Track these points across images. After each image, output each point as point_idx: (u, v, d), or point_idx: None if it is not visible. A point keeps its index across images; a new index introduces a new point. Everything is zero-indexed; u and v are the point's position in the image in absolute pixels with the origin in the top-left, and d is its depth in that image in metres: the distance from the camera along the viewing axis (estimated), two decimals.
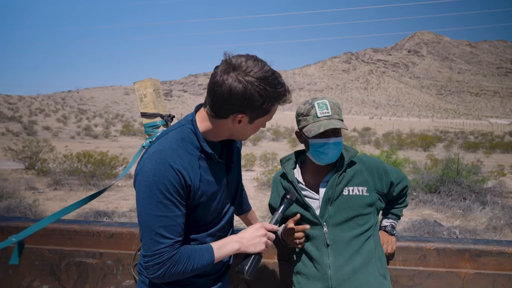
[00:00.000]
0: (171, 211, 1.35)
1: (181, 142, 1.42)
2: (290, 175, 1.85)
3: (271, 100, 1.38)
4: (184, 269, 1.37)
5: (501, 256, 2.01)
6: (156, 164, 1.34)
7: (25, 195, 12.28)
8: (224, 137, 1.51)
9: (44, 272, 2.20)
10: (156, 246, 1.34)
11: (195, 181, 1.41)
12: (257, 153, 22.36)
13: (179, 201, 1.37)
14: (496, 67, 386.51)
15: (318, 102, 1.75)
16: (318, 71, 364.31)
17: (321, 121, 1.71)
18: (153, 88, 1.94)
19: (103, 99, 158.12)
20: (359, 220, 1.77)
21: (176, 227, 1.37)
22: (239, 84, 1.32)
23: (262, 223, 1.55)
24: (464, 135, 58.78)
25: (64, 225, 2.20)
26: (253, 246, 1.50)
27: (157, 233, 1.34)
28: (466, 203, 11.91)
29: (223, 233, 1.60)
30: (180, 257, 1.36)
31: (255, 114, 1.40)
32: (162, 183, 1.33)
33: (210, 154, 1.46)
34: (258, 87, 1.34)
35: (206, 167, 1.47)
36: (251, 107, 1.37)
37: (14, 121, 59.33)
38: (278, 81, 1.39)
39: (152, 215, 1.34)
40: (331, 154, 1.74)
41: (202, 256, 1.42)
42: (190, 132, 1.46)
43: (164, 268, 1.34)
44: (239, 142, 1.73)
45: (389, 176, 1.85)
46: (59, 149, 22.92)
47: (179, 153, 1.39)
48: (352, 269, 1.72)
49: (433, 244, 2.05)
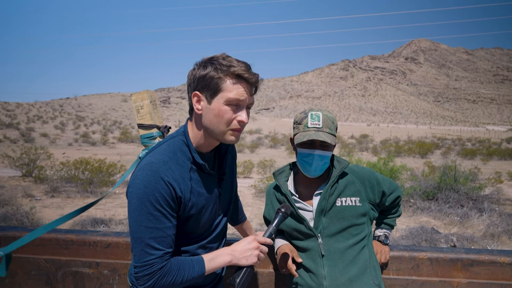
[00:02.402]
0: (161, 222, 1.37)
1: (172, 154, 1.44)
2: (283, 188, 1.87)
3: (217, 71, 1.39)
4: (174, 280, 1.38)
5: (493, 265, 2.03)
6: (147, 176, 1.37)
7: (22, 202, 12.23)
8: (211, 144, 1.51)
9: (40, 282, 2.21)
10: (146, 257, 1.36)
11: (185, 193, 1.43)
12: (255, 160, 22.36)
13: (170, 212, 1.39)
14: (493, 74, 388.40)
15: (312, 113, 1.79)
16: (316, 78, 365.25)
17: (309, 131, 1.75)
18: (149, 99, 1.97)
19: (101, 106, 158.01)
20: (353, 230, 1.79)
21: (166, 238, 1.38)
22: (192, 69, 1.44)
23: (255, 236, 1.55)
24: (462, 142, 58.88)
25: (61, 234, 2.21)
26: (245, 258, 1.50)
27: (147, 244, 1.36)
28: (463, 210, 11.93)
29: (215, 245, 1.61)
30: (170, 268, 1.38)
31: (209, 91, 1.41)
32: (153, 195, 1.35)
33: (201, 165, 1.47)
34: (205, 62, 1.42)
35: (197, 179, 1.48)
36: (202, 82, 1.41)
37: (12, 128, 59.19)
38: (230, 59, 1.41)
39: (143, 227, 1.36)
40: (314, 165, 1.77)
41: (193, 268, 1.42)
42: (182, 143, 1.49)
43: (154, 279, 1.35)
44: (233, 152, 1.74)
45: (381, 186, 1.87)
46: (57, 156, 22.86)
47: (170, 165, 1.41)
48: (347, 279, 1.74)
49: (426, 254, 2.07)
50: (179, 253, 1.51)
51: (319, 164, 1.78)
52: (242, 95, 1.41)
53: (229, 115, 1.42)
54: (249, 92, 1.44)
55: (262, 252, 1.54)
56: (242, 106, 1.44)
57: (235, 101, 1.41)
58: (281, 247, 1.89)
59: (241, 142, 43.45)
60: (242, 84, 1.41)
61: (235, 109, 1.43)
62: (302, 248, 1.83)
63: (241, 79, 1.41)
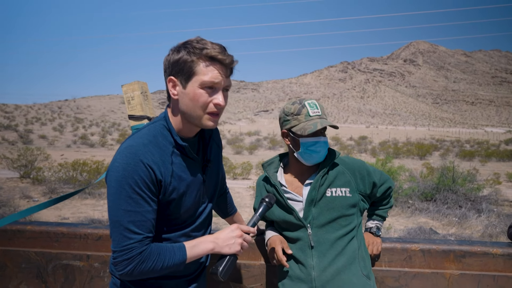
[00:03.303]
0: (140, 206, 1.34)
1: (153, 138, 1.42)
2: (272, 179, 1.86)
3: (190, 55, 1.36)
4: (154, 266, 1.35)
5: (486, 256, 2.02)
6: (126, 159, 1.35)
7: (19, 203, 12.21)
8: (191, 129, 1.49)
9: (30, 275, 2.19)
10: (125, 241, 1.32)
11: (166, 177, 1.40)
12: (253, 162, 22.37)
13: (149, 196, 1.36)
14: (491, 76, 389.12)
15: (308, 102, 1.80)
16: (314, 80, 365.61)
17: (314, 119, 1.76)
18: (140, 90, 1.97)
19: (99, 108, 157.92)
20: (343, 221, 1.78)
21: (146, 222, 1.35)
22: (167, 55, 1.42)
23: (238, 225, 1.54)
24: (460, 144, 58.98)
25: (52, 227, 2.20)
26: (228, 247, 1.48)
27: (126, 228, 1.33)
28: (461, 211, 11.94)
29: (198, 234, 1.58)
30: (149, 254, 1.35)
31: (183, 75, 1.39)
32: (132, 177, 1.33)
33: (184, 147, 1.45)
34: (179, 46, 1.40)
35: (179, 163, 1.46)
36: (176, 67, 1.39)
37: (10, 130, 59.13)
38: (204, 42, 1.39)
39: (122, 210, 1.33)
40: (322, 152, 1.78)
41: (174, 254, 1.40)
42: (163, 128, 1.47)
43: (133, 264, 1.32)
44: (219, 141, 1.72)
45: (372, 177, 1.86)
46: (55, 158, 22.84)
47: (149, 148, 1.39)
48: (335, 270, 1.73)
49: (418, 245, 2.06)
50: (160, 241, 1.48)
51: (325, 150, 1.79)
52: (216, 78, 1.38)
53: (204, 98, 1.39)
54: (224, 74, 1.40)
55: (246, 241, 1.52)
56: (218, 88, 1.41)
57: (210, 84, 1.38)
58: (272, 238, 1.88)
59: (239, 144, 43.48)
60: (216, 66, 1.38)
61: (210, 92, 1.40)
62: (292, 238, 1.83)
63: (215, 61, 1.38)
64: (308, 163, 1.82)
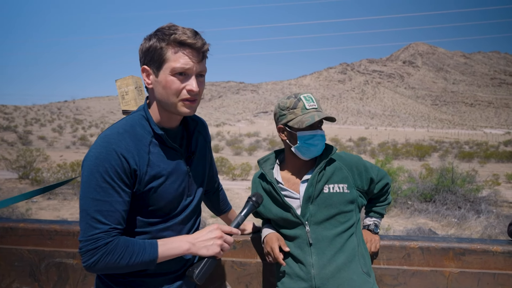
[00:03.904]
0: (109, 195, 1.30)
1: (129, 127, 1.39)
2: (269, 176, 1.83)
3: (160, 42, 1.33)
4: (120, 260, 1.29)
5: (486, 254, 1.99)
6: (99, 147, 1.32)
7: (18, 204, 12.18)
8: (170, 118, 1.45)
9: (23, 273, 2.16)
10: (91, 231, 1.28)
11: (141, 166, 1.36)
12: (252, 163, 22.33)
13: (120, 186, 1.32)
14: (490, 78, 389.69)
15: (304, 95, 1.78)
16: (314, 82, 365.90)
17: (310, 112, 1.73)
18: (134, 85, 1.93)
19: (99, 109, 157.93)
20: (341, 218, 1.75)
21: (114, 213, 1.31)
22: (140, 44, 1.39)
23: (219, 224, 1.47)
24: (459, 145, 59.00)
25: (45, 225, 2.16)
26: (205, 248, 1.41)
27: (93, 218, 1.29)
28: (461, 212, 11.93)
29: (183, 229, 1.52)
30: (116, 246, 1.29)
31: (154, 63, 1.35)
32: (103, 166, 1.30)
33: (161, 135, 1.41)
34: (151, 34, 1.37)
35: (158, 152, 1.42)
36: (148, 56, 1.36)
37: (10, 130, 59.11)
38: (174, 27, 1.35)
39: (90, 199, 1.30)
40: (320, 145, 1.75)
41: (144, 250, 1.33)
42: (141, 118, 1.44)
43: (97, 256, 1.27)
44: (206, 134, 1.69)
45: (369, 172, 1.83)
46: (54, 159, 22.79)
47: (124, 136, 1.36)
48: (335, 268, 1.70)
49: (417, 243, 2.03)
50: (139, 234, 1.43)
51: (322, 143, 1.77)
52: (187, 64, 1.33)
53: (176, 85, 1.35)
54: (195, 59, 1.35)
55: (227, 243, 1.45)
56: (190, 74, 1.36)
57: (181, 70, 1.34)
58: (268, 235, 1.85)
59: (239, 145, 43.45)
60: (187, 51, 1.34)
61: (182, 78, 1.35)
62: (290, 236, 1.79)
63: (184, 46, 1.33)
64: (305, 157, 1.79)
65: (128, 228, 1.42)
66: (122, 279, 1.44)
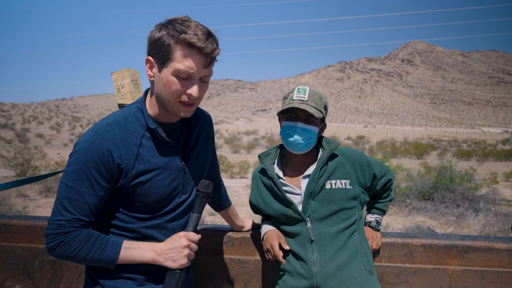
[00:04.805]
0: (82, 185, 1.28)
1: (122, 119, 1.36)
2: (269, 171, 1.78)
3: (169, 37, 1.26)
4: (77, 253, 1.27)
5: (490, 252, 1.95)
6: (86, 136, 1.30)
7: (15, 202, 12.14)
8: (168, 114, 1.40)
9: (16, 271, 2.12)
10: (57, 216, 1.28)
11: (127, 159, 1.32)
12: (251, 161, 22.34)
13: (96, 179, 1.29)
14: (488, 76, 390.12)
15: (299, 87, 1.74)
16: (312, 80, 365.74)
17: (293, 103, 1.69)
18: (131, 78, 1.89)
19: (97, 107, 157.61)
20: (343, 215, 1.71)
21: (82, 204, 1.28)
22: (151, 30, 1.33)
23: (185, 232, 1.38)
24: (457, 144, 59.12)
25: (39, 222, 2.12)
26: (171, 260, 1.34)
27: (61, 203, 1.28)
28: (459, 210, 11.94)
29: (176, 228, 1.46)
30: (75, 238, 1.27)
31: (159, 58, 1.29)
32: (84, 155, 1.28)
33: (154, 130, 1.36)
34: (163, 24, 1.30)
35: (150, 147, 1.37)
36: (154, 48, 1.30)
37: (7, 128, 58.99)
38: (187, 23, 1.27)
39: (64, 184, 1.28)
40: (295, 137, 1.69)
41: (104, 249, 1.30)
42: (137, 110, 1.40)
43: (55, 243, 1.26)
44: (209, 129, 1.64)
45: (372, 168, 1.79)
46: (52, 157, 22.75)
47: (113, 128, 1.32)
48: (337, 265, 1.66)
49: (419, 240, 1.99)
50: (125, 230, 1.40)
51: (303, 138, 1.69)
52: (191, 68, 1.27)
53: (177, 87, 1.29)
54: (201, 64, 1.28)
55: (192, 250, 1.38)
56: (193, 78, 1.30)
57: (184, 73, 1.27)
58: (268, 232, 1.80)
59: (237, 143, 43.44)
60: (194, 54, 1.26)
61: (184, 81, 1.29)
62: (291, 233, 1.75)
63: (193, 49, 1.26)
64: (290, 149, 1.74)
65: (113, 222, 1.39)
66: (109, 275, 1.41)
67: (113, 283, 1.40)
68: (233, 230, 2.08)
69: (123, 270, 1.40)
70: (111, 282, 1.40)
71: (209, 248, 2.04)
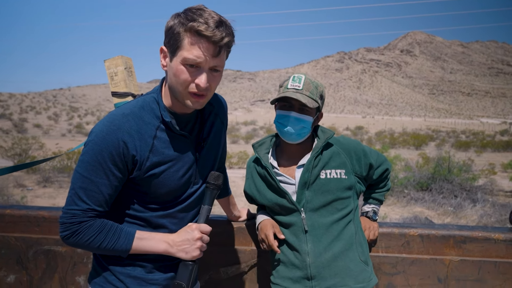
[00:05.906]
0: (97, 176, 1.28)
1: (138, 110, 1.34)
2: (264, 160, 1.75)
3: (179, 26, 1.24)
4: (91, 242, 1.29)
5: (487, 242, 1.94)
6: (102, 126, 1.30)
7: (13, 192, 12.13)
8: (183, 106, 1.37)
9: (10, 261, 2.10)
10: (71, 205, 1.28)
11: (142, 151, 1.32)
12: (249, 151, 22.34)
13: (111, 169, 1.29)
14: (488, 67, 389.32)
15: (295, 75, 1.70)
16: (311, 70, 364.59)
17: (287, 92, 1.65)
18: (124, 66, 1.84)
19: (95, 97, 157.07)
20: (338, 205, 1.69)
21: (97, 194, 1.28)
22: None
23: (198, 225, 1.39)
24: (456, 134, 59.18)
25: (32, 211, 2.10)
26: (183, 251, 1.36)
27: (76, 193, 1.28)
28: (457, 201, 11.97)
29: (186, 217, 1.47)
30: (89, 227, 1.28)
31: (170, 47, 1.28)
32: (99, 146, 1.27)
33: (168, 122, 1.35)
34: (179, 12, 1.28)
35: (164, 138, 1.36)
36: (167, 36, 1.28)
37: (4, 118, 58.79)
38: (200, 12, 1.24)
39: (79, 174, 1.29)
40: (289, 127, 1.65)
41: (117, 239, 1.32)
42: (153, 101, 1.38)
43: (69, 232, 1.27)
44: (224, 118, 1.62)
45: (368, 158, 1.76)
46: (50, 147, 22.70)
47: (128, 119, 1.31)
48: (331, 256, 1.65)
49: (416, 230, 1.98)
50: (136, 218, 1.40)
51: (296, 128, 1.66)
52: (199, 56, 1.24)
53: (185, 76, 1.27)
54: (210, 53, 1.25)
55: (204, 242, 1.39)
56: (202, 68, 1.27)
57: (192, 62, 1.25)
58: (263, 222, 1.79)
59: (235, 133, 43.41)
60: (203, 42, 1.23)
61: (193, 71, 1.27)
62: (285, 223, 1.73)
63: (201, 37, 1.23)
64: (284, 138, 1.71)
65: (126, 211, 1.40)
66: (119, 261, 1.41)
67: (122, 269, 1.41)
68: (229, 219, 2.07)
69: (133, 257, 1.40)
70: (120, 269, 1.41)
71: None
